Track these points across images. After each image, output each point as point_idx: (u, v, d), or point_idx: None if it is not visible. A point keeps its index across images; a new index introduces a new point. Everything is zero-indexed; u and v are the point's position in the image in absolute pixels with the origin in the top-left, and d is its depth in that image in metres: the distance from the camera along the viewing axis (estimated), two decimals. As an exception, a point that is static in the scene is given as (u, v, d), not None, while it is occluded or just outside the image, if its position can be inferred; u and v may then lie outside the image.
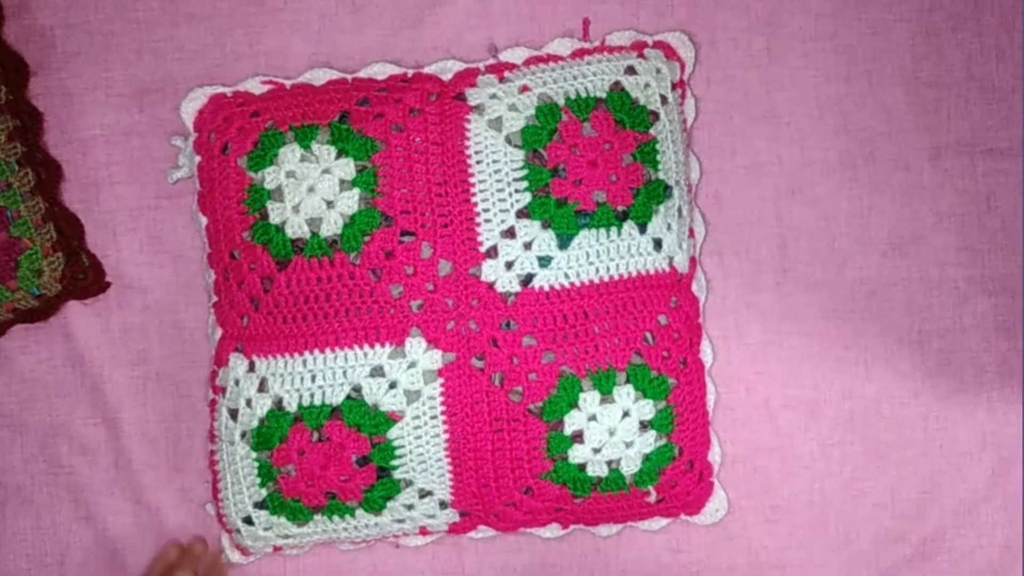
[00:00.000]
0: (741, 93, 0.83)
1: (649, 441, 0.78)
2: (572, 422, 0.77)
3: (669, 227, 0.78)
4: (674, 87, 0.80)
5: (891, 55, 0.83)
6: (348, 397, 0.76)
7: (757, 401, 0.82)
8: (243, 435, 0.77)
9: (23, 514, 0.83)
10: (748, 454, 0.82)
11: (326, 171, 0.77)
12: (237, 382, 0.77)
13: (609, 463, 0.78)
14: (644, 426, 0.78)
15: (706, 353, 0.80)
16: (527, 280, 0.77)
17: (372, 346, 0.77)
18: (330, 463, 0.76)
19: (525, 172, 0.77)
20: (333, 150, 0.77)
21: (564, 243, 0.77)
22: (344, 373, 0.76)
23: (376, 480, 0.77)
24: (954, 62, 0.83)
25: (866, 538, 0.82)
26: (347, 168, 0.77)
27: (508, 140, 0.77)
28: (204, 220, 0.79)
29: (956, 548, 0.82)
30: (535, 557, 0.79)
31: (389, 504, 0.77)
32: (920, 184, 0.83)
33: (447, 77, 0.80)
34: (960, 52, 0.83)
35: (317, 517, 0.77)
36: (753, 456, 0.82)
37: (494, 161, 0.77)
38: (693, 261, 0.80)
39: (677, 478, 0.79)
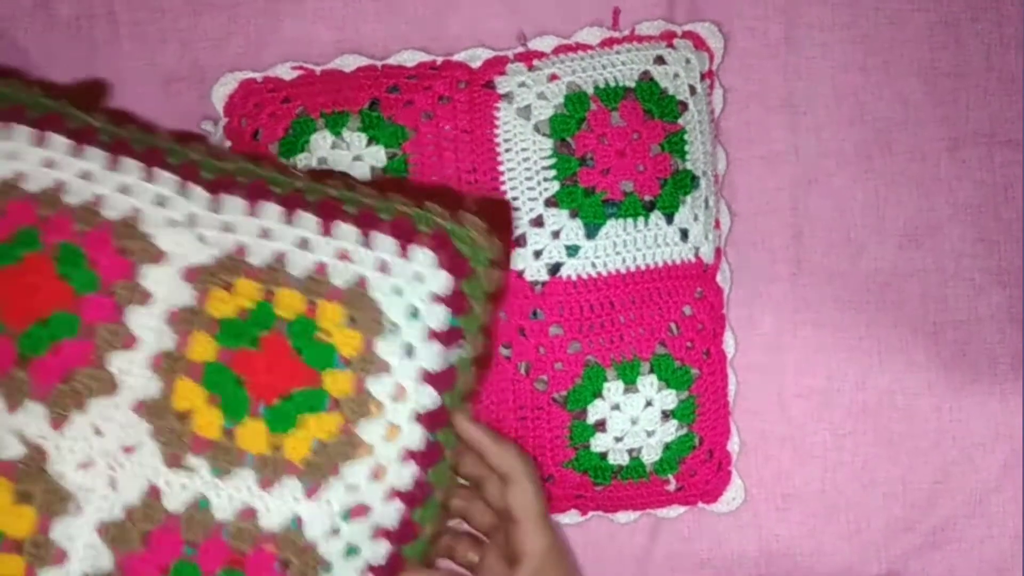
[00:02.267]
0: (757, 83, 0.83)
1: (671, 430, 0.78)
2: (595, 411, 0.77)
3: (696, 218, 0.78)
4: (703, 77, 0.80)
5: (909, 45, 0.83)
6: None
7: (770, 390, 0.82)
8: None
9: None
10: (760, 443, 0.82)
11: (357, 158, 0.77)
12: None
13: (630, 452, 0.78)
14: (666, 415, 0.78)
15: (728, 344, 0.80)
16: (555, 269, 0.77)
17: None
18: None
19: (553, 161, 0.77)
20: (364, 137, 0.77)
21: (592, 232, 0.76)
22: None
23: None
24: (973, 52, 0.83)
25: (877, 527, 0.82)
26: (378, 155, 0.77)
27: (536, 128, 0.77)
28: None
29: (966, 538, 0.82)
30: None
31: None
32: (937, 175, 0.83)
33: (476, 65, 0.79)
34: (979, 42, 0.83)
35: None
36: (765, 445, 0.82)
37: (523, 149, 0.77)
38: (718, 252, 0.80)
39: (697, 467, 0.79)
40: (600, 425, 0.77)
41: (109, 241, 0.65)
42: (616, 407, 0.77)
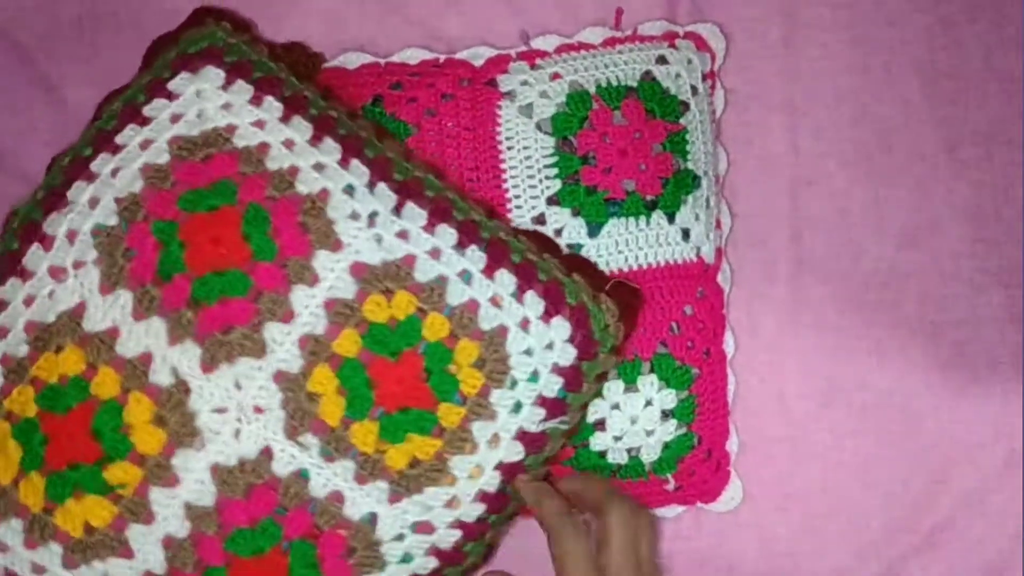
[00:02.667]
0: (757, 84, 0.83)
1: (670, 430, 0.78)
2: (595, 410, 0.77)
3: (697, 217, 0.78)
4: (704, 78, 0.80)
5: (908, 46, 0.84)
6: None
7: (770, 391, 0.82)
8: None
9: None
10: (760, 443, 0.82)
11: None
12: None
13: (629, 451, 0.78)
14: (666, 415, 0.78)
15: (728, 344, 0.81)
16: (557, 268, 0.77)
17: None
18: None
19: (555, 159, 0.77)
20: (367, 134, 0.77)
21: (594, 231, 0.77)
22: None
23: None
24: (972, 53, 0.84)
25: (877, 527, 0.82)
26: (381, 150, 0.77)
27: (539, 127, 0.77)
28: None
29: (966, 537, 0.82)
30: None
31: None
32: (936, 176, 0.83)
33: (479, 63, 0.79)
34: (978, 43, 0.84)
35: None
36: (765, 445, 0.82)
37: (525, 148, 0.77)
38: (719, 252, 0.80)
39: (695, 466, 0.79)
40: (599, 424, 0.77)
41: (295, 214, 0.68)
42: (616, 406, 0.77)
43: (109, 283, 0.68)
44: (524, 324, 0.69)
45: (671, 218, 0.77)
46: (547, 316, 0.69)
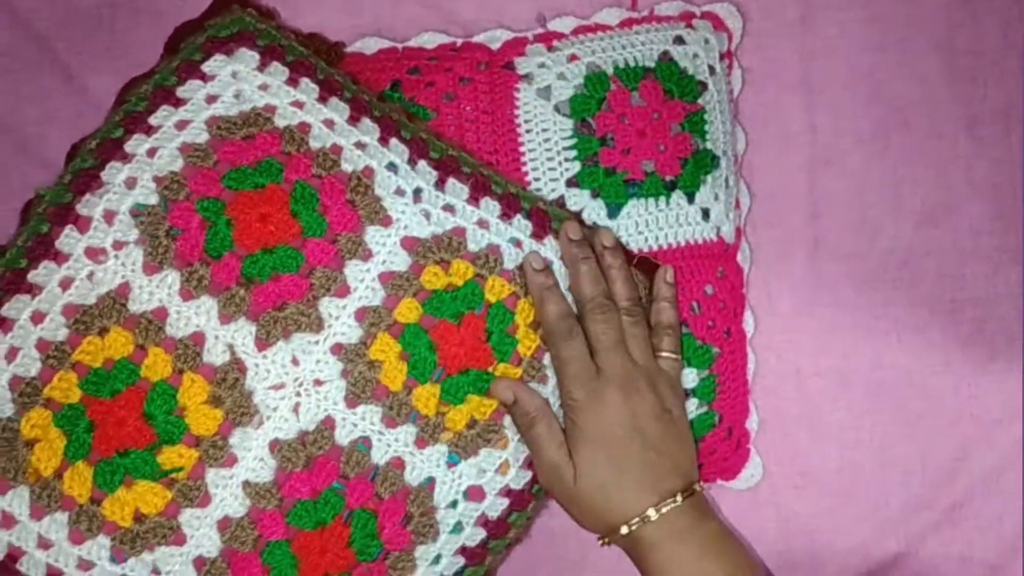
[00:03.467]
0: (774, 63, 0.83)
1: (691, 408, 0.78)
2: (618, 391, 0.77)
3: (717, 197, 0.78)
4: (721, 57, 0.80)
5: (925, 23, 0.83)
6: None
7: (788, 369, 0.82)
8: None
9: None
10: (778, 422, 0.82)
11: None
12: None
13: (651, 430, 0.78)
14: (687, 394, 0.78)
15: (748, 323, 0.81)
16: (577, 249, 0.77)
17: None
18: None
19: (574, 141, 0.77)
20: (388, 118, 0.78)
21: (613, 212, 0.77)
22: None
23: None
24: (990, 29, 0.83)
25: (895, 505, 0.82)
26: (401, 136, 0.78)
27: (557, 109, 0.77)
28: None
29: (983, 515, 0.82)
30: (567, 520, 0.80)
31: None
32: (954, 154, 0.83)
33: (496, 46, 0.79)
34: (996, 19, 0.83)
35: None
36: (783, 424, 0.82)
37: (543, 130, 0.77)
38: (739, 231, 0.80)
39: (716, 445, 0.79)
40: (622, 404, 0.78)
41: (343, 192, 0.70)
42: (638, 386, 0.77)
43: (155, 262, 0.68)
44: None
45: (691, 198, 0.77)
46: None
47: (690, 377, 0.78)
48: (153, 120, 0.70)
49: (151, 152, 0.70)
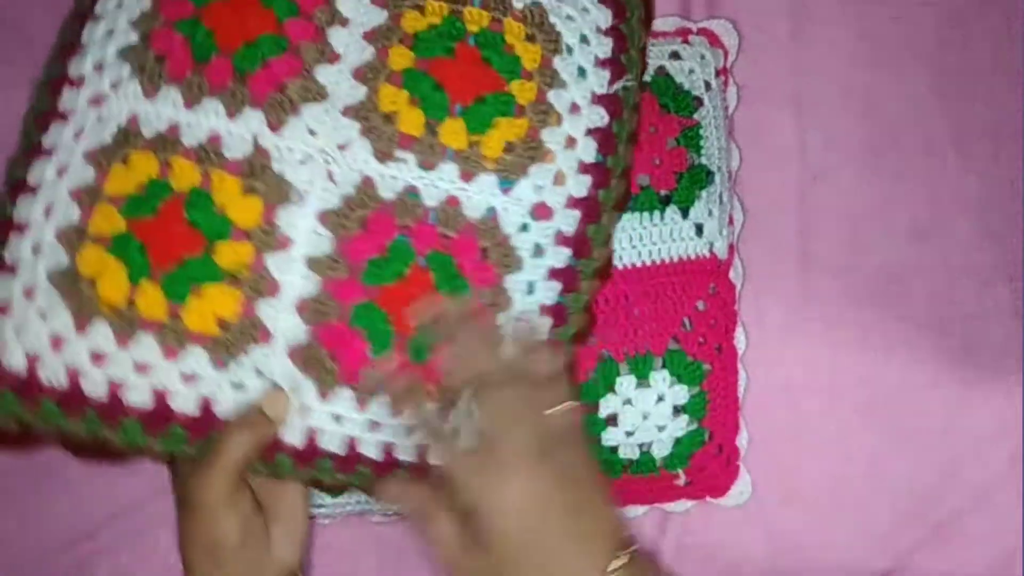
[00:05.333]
0: (765, 79, 0.83)
1: (681, 425, 0.78)
2: (607, 405, 0.77)
3: (711, 213, 0.78)
4: (717, 74, 0.80)
5: (916, 40, 0.84)
6: None
7: (777, 385, 0.82)
8: None
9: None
10: (767, 437, 0.82)
11: None
12: None
13: (641, 446, 0.78)
14: (677, 411, 0.78)
15: (739, 340, 0.81)
16: (571, 263, 0.77)
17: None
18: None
19: (570, 152, 0.77)
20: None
21: (607, 226, 0.77)
22: None
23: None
24: (980, 47, 0.83)
25: (884, 521, 0.82)
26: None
27: (555, 119, 0.77)
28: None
29: (972, 532, 0.82)
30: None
31: None
32: (944, 171, 0.83)
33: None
34: (986, 37, 0.84)
35: None
36: (773, 439, 0.82)
37: (540, 140, 0.77)
38: (732, 248, 0.80)
39: (706, 462, 0.79)
40: (612, 420, 0.77)
41: None
42: (628, 402, 0.77)
43: (152, 87, 0.69)
44: None
45: (685, 213, 0.77)
46: None
47: (680, 394, 0.78)
48: None
49: (119, 3, 0.71)
